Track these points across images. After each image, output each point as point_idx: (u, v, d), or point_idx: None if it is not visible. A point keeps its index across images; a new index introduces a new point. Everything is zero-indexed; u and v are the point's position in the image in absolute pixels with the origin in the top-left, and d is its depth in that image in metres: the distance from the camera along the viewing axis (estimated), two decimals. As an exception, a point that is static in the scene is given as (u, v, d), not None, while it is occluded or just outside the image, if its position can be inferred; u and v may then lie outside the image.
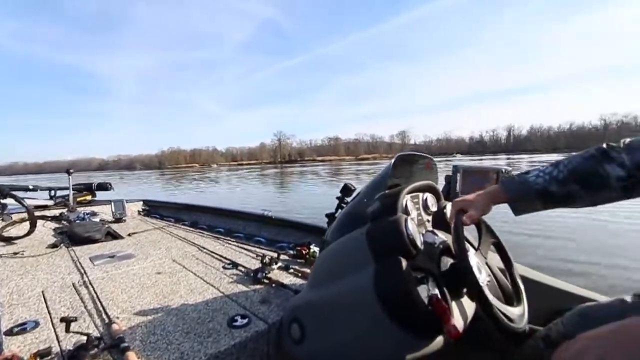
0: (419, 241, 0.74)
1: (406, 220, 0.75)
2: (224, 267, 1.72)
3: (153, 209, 4.06)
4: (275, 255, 1.75)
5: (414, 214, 0.94)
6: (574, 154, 0.77)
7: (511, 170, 1.10)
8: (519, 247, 3.91)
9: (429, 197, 1.06)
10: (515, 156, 61.70)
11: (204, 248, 2.12)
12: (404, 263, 0.70)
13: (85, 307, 1.21)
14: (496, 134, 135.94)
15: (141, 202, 4.19)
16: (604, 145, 0.74)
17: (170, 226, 3.00)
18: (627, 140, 0.74)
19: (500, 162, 29.18)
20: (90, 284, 1.44)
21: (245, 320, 1.08)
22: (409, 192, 0.93)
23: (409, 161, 1.12)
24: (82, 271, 1.63)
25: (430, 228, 0.95)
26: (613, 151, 0.72)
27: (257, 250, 2.05)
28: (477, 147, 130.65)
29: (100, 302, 1.24)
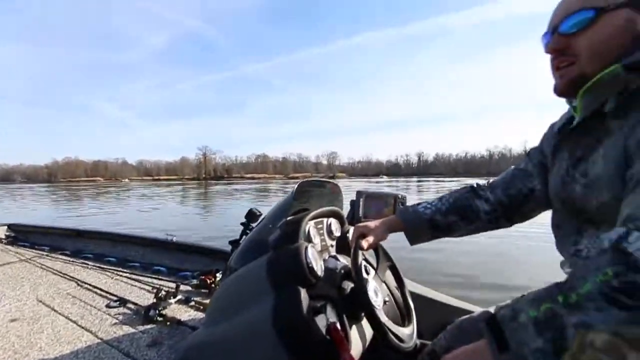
0: (318, 269, 0.76)
1: (306, 248, 0.76)
2: (108, 306, 1.51)
3: (22, 236, 3.35)
4: (174, 287, 1.61)
5: (317, 240, 0.95)
6: (455, 188, 0.90)
7: (405, 197, 1.21)
8: (419, 266, 4.32)
9: (333, 222, 1.09)
10: (424, 179, 69.49)
11: (85, 283, 1.83)
12: (303, 292, 0.69)
13: None
14: (409, 158, 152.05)
15: (5, 227, 3.44)
16: (475, 184, 0.88)
17: (42, 257, 2.53)
18: (491, 179, 0.88)
19: (412, 184, 32.20)
20: None
21: None
22: (312, 218, 0.95)
23: (316, 186, 1.15)
24: None
25: (333, 253, 0.98)
26: (480, 189, 0.86)
27: (154, 281, 1.85)
28: (394, 169, 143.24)
29: None
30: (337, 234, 1.08)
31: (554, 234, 0.72)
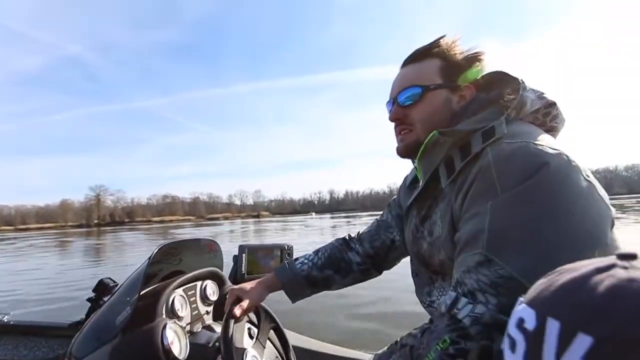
0: (182, 349, 0.68)
1: (165, 326, 0.67)
2: None
3: None
4: None
5: (184, 311, 0.85)
6: (331, 241, 0.94)
7: (292, 247, 1.18)
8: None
9: (210, 284, 0.99)
10: (337, 214, 71.69)
11: None
12: None
13: None
14: (321, 195, 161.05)
15: None
16: (346, 236, 0.94)
17: None
18: (360, 232, 0.94)
19: (324, 221, 33.08)
20: None
21: None
22: (181, 285, 0.85)
23: (187, 246, 1.05)
24: None
25: (208, 322, 0.91)
26: (351, 242, 0.92)
27: None
28: (308, 206, 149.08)
29: None
30: (214, 298, 0.99)
31: (414, 282, 0.77)
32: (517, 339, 0.23)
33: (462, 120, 0.62)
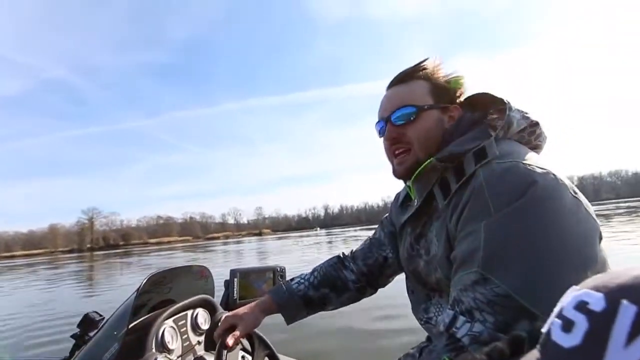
0: None
1: None
2: None
3: None
4: None
5: (175, 343, 0.82)
6: (325, 260, 0.93)
7: (284, 268, 1.16)
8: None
9: (201, 313, 0.97)
10: (333, 229, 70.34)
11: None
12: None
13: None
14: (316, 211, 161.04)
15: None
16: (340, 254, 0.94)
17: None
18: (354, 249, 0.94)
19: (321, 237, 32.92)
20: None
21: None
22: (171, 315, 0.82)
23: (177, 274, 1.03)
24: None
25: (200, 353, 0.88)
26: (345, 260, 0.92)
27: None
28: (303, 223, 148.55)
29: None
30: (205, 326, 0.97)
31: (410, 299, 0.78)
32: (577, 319, 0.23)
33: (454, 139, 0.65)
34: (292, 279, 0.91)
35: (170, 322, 0.81)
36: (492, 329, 0.46)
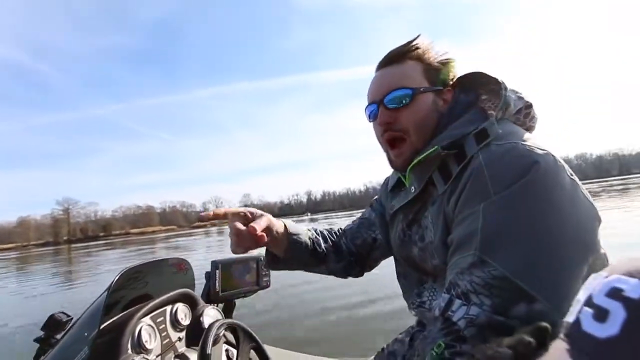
0: None
1: None
2: None
3: None
4: None
5: (153, 342, 0.77)
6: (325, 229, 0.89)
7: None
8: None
9: (180, 308, 0.92)
10: (315, 216, 68.50)
11: None
12: None
13: None
14: (299, 197, 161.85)
15: None
16: (329, 229, 0.90)
17: None
18: (344, 228, 0.91)
19: (330, 220, 32.65)
20: None
21: None
22: (148, 313, 0.78)
23: (153, 267, 0.98)
24: None
25: (182, 350, 0.85)
26: (336, 234, 0.89)
27: None
28: (286, 209, 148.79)
29: None
30: (186, 322, 0.92)
31: (400, 284, 0.77)
32: (612, 307, 0.22)
33: (450, 122, 0.63)
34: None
35: (147, 319, 0.77)
36: (489, 311, 0.45)
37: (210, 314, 1.00)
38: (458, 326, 0.46)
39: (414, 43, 0.67)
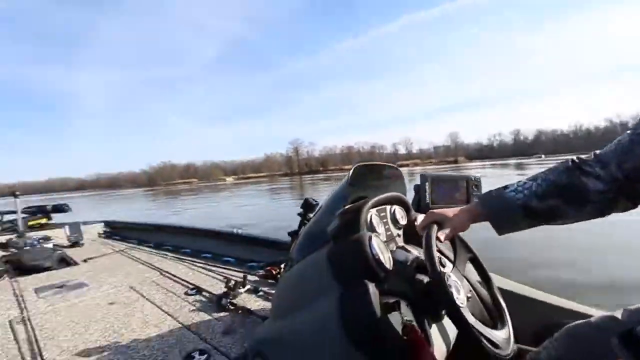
0: (387, 261, 0.68)
1: (370, 238, 0.68)
2: (186, 293, 1.66)
3: (115, 231, 3.98)
4: (242, 277, 1.68)
5: (381, 229, 0.84)
6: (550, 166, 0.73)
7: (480, 178, 1.08)
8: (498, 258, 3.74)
9: (397, 209, 0.97)
10: (528, 159, 57.93)
11: (167, 272, 2.05)
12: (372, 288, 0.62)
13: (19, 349, 1.11)
14: (502, 138, 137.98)
15: (102, 224, 4.16)
16: (576, 159, 0.70)
17: (132, 249, 2.93)
18: (597, 152, 0.69)
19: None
20: (29, 320, 1.36)
21: (204, 357, 1.02)
22: (374, 206, 0.85)
23: (374, 171, 1.06)
24: (23, 305, 1.53)
25: (401, 244, 0.89)
26: (586, 165, 0.68)
27: (225, 271, 2.00)
28: (484, 152, 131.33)
29: (37, 342, 1.15)
30: (403, 222, 0.96)
31: None
32: None
33: None
34: (505, 187, 0.75)
35: (374, 211, 0.84)
36: None
37: None
38: None
39: None
